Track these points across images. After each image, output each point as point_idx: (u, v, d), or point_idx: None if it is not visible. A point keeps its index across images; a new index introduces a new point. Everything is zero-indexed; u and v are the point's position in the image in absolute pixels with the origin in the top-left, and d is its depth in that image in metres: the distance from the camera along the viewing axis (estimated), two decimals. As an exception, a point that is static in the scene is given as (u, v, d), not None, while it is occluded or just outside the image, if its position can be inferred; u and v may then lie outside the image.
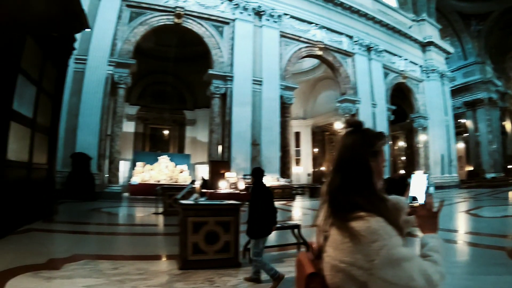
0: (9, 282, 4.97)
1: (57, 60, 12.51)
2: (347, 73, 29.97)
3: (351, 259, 1.37)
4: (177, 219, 11.35)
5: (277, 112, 24.99)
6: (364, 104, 29.88)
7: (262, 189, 5.86)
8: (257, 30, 25.36)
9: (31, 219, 10.21)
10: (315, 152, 42.45)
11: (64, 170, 18.64)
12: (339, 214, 1.48)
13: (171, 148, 38.41)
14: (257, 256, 5.52)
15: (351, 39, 30.33)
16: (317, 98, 40.29)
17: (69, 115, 19.60)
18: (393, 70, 33.90)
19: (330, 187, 1.60)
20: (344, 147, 1.62)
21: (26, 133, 10.21)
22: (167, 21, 23.29)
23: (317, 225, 1.70)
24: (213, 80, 23.77)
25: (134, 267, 6.16)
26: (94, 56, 20.89)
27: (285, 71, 26.29)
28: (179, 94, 38.72)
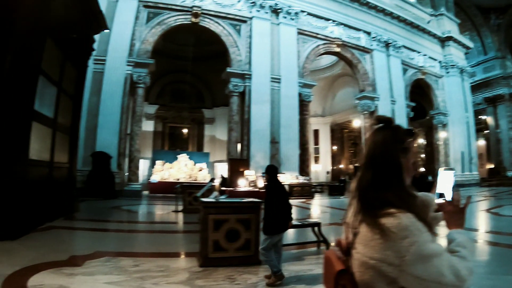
0: (31, 278, 5.03)
1: (77, 61, 12.66)
2: (365, 70, 29.71)
3: (382, 255, 1.37)
4: (196, 216, 11.41)
5: (296, 109, 24.91)
6: (383, 101, 29.51)
7: (276, 186, 5.85)
8: (275, 28, 25.32)
9: (52, 217, 10.36)
10: (333, 150, 42.11)
11: (85, 169, 18.91)
12: (369, 210, 1.48)
13: (190, 146, 38.50)
14: (266, 251, 5.51)
15: (369, 35, 30.06)
16: (336, 95, 39.99)
17: (89, 115, 19.88)
18: (412, 66, 33.40)
19: (360, 184, 1.59)
20: (374, 144, 1.61)
21: (47, 133, 10.35)
22: (184, 20, 23.41)
23: (346, 222, 1.69)
24: (231, 79, 23.82)
25: (154, 264, 6.20)
26: (112, 56, 21.16)
27: (303, 69, 26.19)
28: (198, 92, 38.79)
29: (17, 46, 8.05)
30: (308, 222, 8.38)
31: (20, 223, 7.91)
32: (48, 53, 9.61)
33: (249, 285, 5.31)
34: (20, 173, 8.18)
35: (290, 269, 6.15)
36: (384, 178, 1.53)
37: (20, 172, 8.15)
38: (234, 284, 5.31)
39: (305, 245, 8.21)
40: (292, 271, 6.06)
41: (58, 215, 10.92)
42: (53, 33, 9.84)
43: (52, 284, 4.87)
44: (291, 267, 6.31)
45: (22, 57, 8.10)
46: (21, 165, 8.23)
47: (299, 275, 5.84)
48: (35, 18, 8.44)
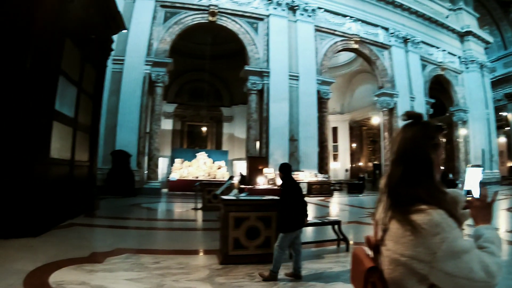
0: (53, 275, 5.10)
1: (96, 61, 12.82)
2: (384, 66, 29.34)
3: (413, 252, 1.37)
4: (216, 214, 11.48)
5: (315, 107, 24.73)
6: (402, 97, 29.08)
7: (291, 184, 5.84)
8: (292, 25, 25.20)
9: (73, 214, 10.51)
10: (352, 148, 41.82)
11: (105, 167, 19.15)
12: (400, 207, 1.48)
13: (209, 144, 38.60)
14: (281, 249, 5.52)
15: (387, 31, 29.66)
16: (354, 92, 39.64)
17: (109, 114, 20.09)
18: (431, 61, 32.81)
19: (390, 180, 1.60)
20: (404, 140, 1.61)
21: (68, 132, 10.48)
22: (202, 19, 23.44)
23: (375, 218, 1.70)
24: (250, 76, 23.79)
25: (174, 261, 6.23)
26: (131, 56, 21.36)
27: (322, 66, 25.99)
28: (216, 91, 38.83)
29: (36, 47, 8.16)
30: (328, 220, 8.34)
31: (41, 220, 8.03)
32: (68, 53, 9.74)
33: (269, 283, 5.31)
34: (42, 171, 8.30)
35: (309, 267, 6.16)
36: (415, 174, 1.53)
37: (41, 170, 8.28)
38: (254, 282, 5.32)
39: (324, 243, 8.17)
40: (311, 269, 6.06)
41: (79, 213, 11.09)
42: (72, 34, 9.96)
43: (73, 280, 4.94)
44: (311, 265, 6.31)
45: (42, 58, 8.22)
46: (42, 164, 8.35)
47: (318, 273, 5.83)
48: (54, 19, 8.56)
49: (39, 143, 8.26)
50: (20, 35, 8.07)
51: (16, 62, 7.98)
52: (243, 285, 5.16)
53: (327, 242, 8.14)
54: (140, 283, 5.01)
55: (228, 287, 5.05)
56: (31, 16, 8.17)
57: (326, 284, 5.29)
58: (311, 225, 8.28)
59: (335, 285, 5.23)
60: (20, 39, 8.06)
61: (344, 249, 7.61)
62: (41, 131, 8.31)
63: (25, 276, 4.96)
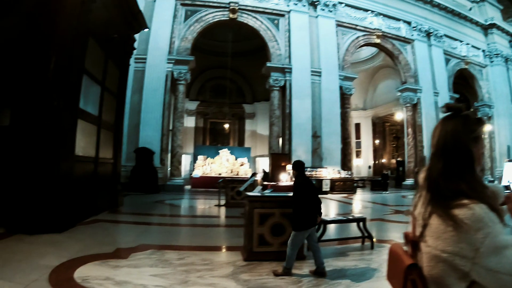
0: (78, 270, 5.15)
1: (119, 60, 12.98)
2: (407, 61, 28.94)
3: (455, 248, 1.33)
4: (239, 211, 11.50)
5: (337, 103, 24.60)
6: (425, 92, 28.65)
7: (304, 182, 5.78)
8: (313, 21, 25.08)
9: (98, 211, 10.68)
10: (375, 144, 41.33)
11: (128, 164, 19.44)
12: (441, 201, 1.44)
13: (231, 141, 38.63)
14: (294, 246, 5.51)
15: (409, 25, 29.22)
16: (377, 88, 39.15)
17: (132, 112, 20.35)
18: (455, 55, 32.17)
19: (431, 174, 1.55)
20: (445, 132, 1.55)
21: (92, 130, 10.64)
22: (222, 17, 23.52)
23: (413, 214, 1.66)
24: (272, 73, 23.76)
25: (199, 257, 6.23)
26: (153, 55, 21.62)
27: (344, 61, 25.82)
28: (238, 88, 38.89)
29: (60, 47, 8.29)
30: (353, 217, 8.23)
31: (66, 216, 8.14)
32: (91, 53, 9.88)
33: (293, 280, 5.26)
34: (67, 169, 8.41)
35: (334, 264, 6.10)
36: (456, 167, 1.48)
37: (66, 168, 8.39)
38: (279, 279, 5.27)
39: (347, 240, 8.08)
40: (336, 266, 6.00)
41: (103, 209, 11.25)
42: (95, 33, 10.10)
43: (98, 275, 4.96)
44: (336, 262, 6.25)
45: (65, 58, 8.35)
46: (67, 161, 8.46)
47: (344, 271, 5.76)
48: (76, 19, 8.69)
49: (64, 141, 8.37)
50: (43, 35, 8.21)
51: (40, 62, 8.12)
52: (268, 282, 5.13)
53: (351, 240, 8.06)
54: (165, 279, 5.01)
55: (253, 284, 5.01)
56: (54, 16, 8.31)
57: (351, 282, 5.21)
58: (336, 222, 8.20)
59: (361, 284, 5.15)
60: (43, 39, 8.21)
61: (368, 246, 7.52)
62: (66, 129, 8.42)
63: (50, 271, 5.01)
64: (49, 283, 4.57)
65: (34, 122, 7.93)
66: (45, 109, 7.97)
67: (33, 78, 8.09)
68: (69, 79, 8.53)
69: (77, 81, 9.02)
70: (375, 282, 5.24)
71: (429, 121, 27.97)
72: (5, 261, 5.35)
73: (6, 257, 5.58)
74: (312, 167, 22.65)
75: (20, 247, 6.31)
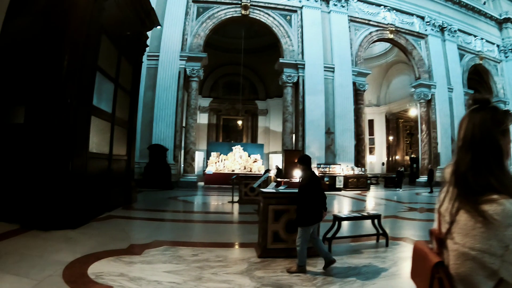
0: (92, 266, 5.16)
1: (132, 58, 13.02)
2: (420, 56, 28.62)
3: (484, 245, 1.27)
4: (252, 207, 11.48)
5: (351, 99, 24.46)
6: (439, 88, 28.31)
7: (310, 177, 5.72)
8: (325, 16, 24.94)
9: (111, 207, 10.72)
10: (389, 141, 40.92)
11: (142, 161, 19.62)
12: (469, 196, 1.38)
13: (244, 138, 38.70)
14: (303, 243, 5.48)
15: (423, 20, 28.84)
16: (390, 84, 38.76)
17: (145, 109, 20.52)
18: (469, 51, 31.62)
19: (458, 168, 1.49)
20: (472, 125, 1.49)
21: (106, 127, 10.68)
22: (234, 13, 23.50)
23: (439, 210, 1.61)
24: (284, 69, 23.71)
25: (213, 254, 6.22)
26: (165, 52, 21.70)
27: (357, 57, 25.63)
28: (251, 84, 38.93)
29: (73, 44, 8.34)
30: (368, 214, 8.13)
31: (80, 212, 8.19)
32: (104, 50, 9.94)
33: (308, 277, 5.22)
34: (81, 165, 8.47)
35: (349, 262, 6.06)
36: (485, 161, 1.42)
37: (80, 164, 8.44)
38: (293, 276, 5.24)
39: (360, 238, 8.00)
40: (350, 264, 5.95)
41: (117, 205, 11.31)
42: (108, 31, 10.15)
43: (112, 271, 4.97)
44: (350, 260, 6.20)
45: (78, 55, 8.40)
46: (81, 158, 8.51)
47: (358, 268, 5.71)
48: (89, 17, 8.74)
49: (78, 138, 8.42)
50: (56, 33, 8.28)
51: (54, 60, 8.18)
52: (282, 279, 5.09)
53: (365, 237, 7.97)
54: (179, 275, 4.99)
55: (267, 281, 4.98)
56: (67, 14, 8.37)
57: (366, 280, 5.15)
58: (351, 219, 8.11)
59: (376, 282, 5.08)
60: (57, 37, 8.27)
61: (383, 244, 7.43)
62: (79, 126, 8.47)
63: (64, 267, 5.02)
64: (63, 279, 4.58)
65: (48, 120, 7.99)
66: (58, 106, 8.01)
67: (46, 76, 8.16)
68: (83, 77, 8.57)
69: (90, 79, 9.06)
70: (390, 280, 5.19)
71: (443, 118, 27.76)
72: (21, 257, 5.39)
73: (21, 253, 5.62)
74: (326, 163, 22.61)
75: (35, 243, 6.35)
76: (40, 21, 8.48)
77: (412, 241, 7.67)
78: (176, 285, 4.63)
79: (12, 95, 8.65)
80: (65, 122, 8.02)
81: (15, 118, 8.44)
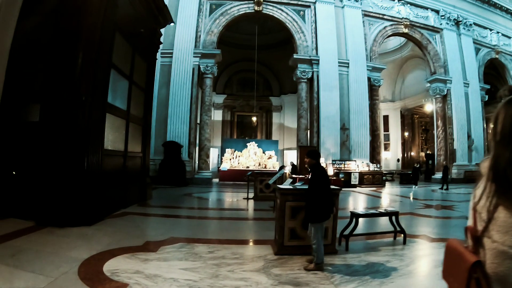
0: (107, 263, 5.15)
1: (146, 55, 13.06)
2: (436, 51, 28.27)
3: None
4: (268, 204, 11.44)
5: (366, 94, 24.26)
6: (455, 83, 27.94)
7: (321, 171, 5.64)
8: (339, 11, 24.77)
9: (127, 203, 10.77)
10: (404, 137, 40.50)
11: (157, 158, 19.79)
12: (509, 192, 1.29)
13: (259, 134, 38.79)
14: (320, 239, 5.42)
15: (438, 13, 28.44)
16: (405, 79, 38.38)
17: (160, 106, 20.71)
18: (485, 45, 31.10)
19: (496, 163, 1.39)
20: (510, 118, 1.39)
21: (121, 124, 10.73)
22: (247, 9, 23.47)
23: (474, 207, 1.51)
24: (299, 65, 23.64)
25: (229, 251, 6.18)
26: (179, 49, 21.83)
27: (372, 52, 25.42)
28: (265, 81, 38.99)
29: (87, 42, 8.37)
30: (386, 211, 7.98)
31: (96, 209, 8.23)
32: (118, 47, 9.97)
33: (326, 275, 5.14)
34: (96, 162, 8.48)
35: (366, 259, 5.97)
36: None
37: (95, 161, 8.46)
38: (310, 274, 5.17)
39: (377, 235, 7.86)
40: (369, 261, 5.86)
41: (132, 202, 11.37)
42: (122, 28, 10.19)
43: (127, 269, 4.95)
44: (368, 257, 6.11)
45: (93, 53, 8.43)
46: (96, 155, 8.52)
47: (377, 266, 5.62)
48: (103, 14, 8.75)
49: (93, 135, 8.44)
50: (70, 31, 8.31)
51: (68, 58, 8.22)
52: (300, 277, 5.02)
53: (382, 234, 7.82)
54: (195, 273, 4.95)
55: (284, 279, 4.90)
56: (80, 12, 8.39)
57: (385, 278, 5.05)
58: (368, 216, 7.95)
59: (395, 280, 4.98)
60: (71, 35, 8.30)
61: (400, 241, 7.30)
62: (94, 123, 8.49)
63: (80, 264, 5.03)
64: (79, 276, 4.58)
65: (63, 117, 8.03)
66: (73, 104, 8.04)
67: (61, 74, 8.20)
68: (97, 74, 8.60)
69: (105, 76, 9.09)
70: (409, 279, 5.10)
71: (460, 113, 27.45)
72: (36, 254, 5.40)
73: (37, 250, 5.64)
74: (341, 160, 22.51)
75: (51, 240, 6.37)
76: (54, 19, 8.52)
77: (429, 239, 7.60)
78: (193, 282, 4.59)
79: (27, 93, 8.73)
80: (80, 119, 8.05)
81: (31, 116, 8.50)
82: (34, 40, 8.77)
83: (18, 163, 8.43)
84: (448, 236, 7.88)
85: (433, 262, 5.89)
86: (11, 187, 8.26)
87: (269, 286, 4.61)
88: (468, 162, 27.41)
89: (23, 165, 8.37)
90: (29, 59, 8.80)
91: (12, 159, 8.48)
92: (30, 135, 8.36)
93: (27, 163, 8.30)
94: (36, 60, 8.73)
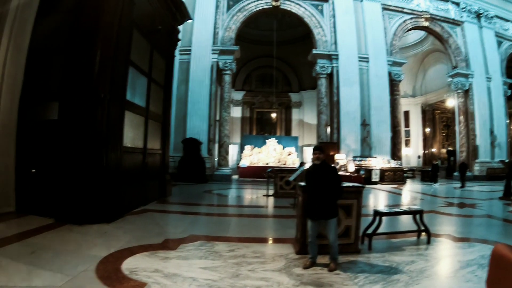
0: (126, 261, 5.10)
1: (164, 52, 13.07)
2: (457, 44, 27.67)
3: None
4: (288, 201, 11.32)
5: (386, 89, 23.93)
6: (477, 77, 27.30)
7: (333, 166, 5.51)
8: (358, 5, 24.44)
9: (146, 201, 10.80)
10: (425, 133, 39.77)
11: (176, 155, 19.86)
12: None
13: (278, 130, 38.72)
14: (336, 234, 5.42)
15: (458, 6, 27.78)
16: (426, 74, 37.72)
17: (179, 103, 20.78)
18: (507, 38, 30.18)
19: None
20: None
21: (140, 121, 10.75)
22: (265, 5, 23.35)
23: None
24: (318, 60, 23.45)
25: (250, 249, 6.09)
26: (197, 46, 21.86)
27: (392, 46, 25.02)
28: (284, 77, 38.86)
29: (105, 40, 8.39)
30: (410, 209, 7.74)
31: (115, 206, 8.24)
32: (136, 45, 9.98)
33: (349, 276, 4.98)
34: (115, 159, 8.52)
35: (391, 259, 5.78)
36: None
37: (115, 158, 8.50)
38: (333, 274, 5.03)
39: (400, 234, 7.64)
40: (393, 261, 5.66)
41: (152, 199, 11.41)
42: (139, 25, 10.21)
43: (146, 267, 4.88)
44: (392, 257, 5.91)
45: (111, 50, 8.46)
46: (116, 152, 8.56)
47: (401, 266, 5.41)
48: (120, 12, 8.76)
49: (112, 132, 8.46)
50: (88, 29, 8.33)
51: (86, 56, 8.23)
52: (323, 277, 4.88)
53: (405, 233, 7.57)
54: (215, 272, 4.86)
55: (307, 279, 4.77)
56: (98, 10, 8.40)
57: (410, 279, 4.85)
58: (392, 214, 7.76)
59: (421, 281, 4.78)
60: (88, 33, 8.32)
61: (424, 241, 7.08)
62: (113, 121, 8.52)
63: (98, 262, 4.98)
64: (96, 274, 4.53)
65: (81, 115, 8.05)
66: (92, 101, 8.05)
67: (79, 71, 8.22)
68: (115, 71, 8.62)
69: (123, 73, 9.11)
70: (435, 280, 4.92)
71: (482, 108, 26.87)
72: (55, 252, 5.40)
73: (56, 248, 5.65)
74: (361, 156, 22.24)
75: (70, 238, 6.39)
76: (71, 18, 8.56)
77: (454, 238, 7.36)
78: (212, 282, 4.49)
79: (46, 91, 8.82)
80: (99, 117, 8.07)
81: (49, 114, 8.55)
82: (52, 39, 8.86)
83: (38, 161, 8.52)
84: (472, 235, 7.73)
85: (459, 263, 5.66)
86: (31, 184, 8.36)
87: (290, 286, 4.48)
88: (491, 159, 26.75)
89: (42, 163, 8.44)
90: (47, 58, 8.91)
91: (32, 157, 8.58)
92: (49, 133, 8.42)
93: (46, 161, 8.36)
94: (54, 58, 8.79)
